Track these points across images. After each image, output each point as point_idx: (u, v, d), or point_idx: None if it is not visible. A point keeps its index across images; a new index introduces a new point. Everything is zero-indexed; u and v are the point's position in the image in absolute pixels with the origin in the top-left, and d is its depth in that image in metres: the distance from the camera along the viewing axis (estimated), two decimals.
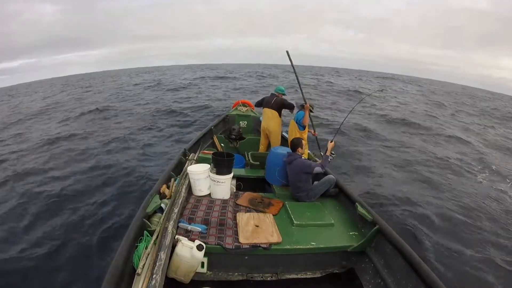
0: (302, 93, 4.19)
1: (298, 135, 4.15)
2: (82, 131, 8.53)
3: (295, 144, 3.28)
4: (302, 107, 4.32)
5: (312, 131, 4.39)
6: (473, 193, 5.15)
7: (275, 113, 4.52)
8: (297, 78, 4.26)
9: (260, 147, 4.93)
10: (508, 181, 5.87)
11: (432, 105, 16.96)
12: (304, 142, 4.11)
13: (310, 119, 4.15)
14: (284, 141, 4.91)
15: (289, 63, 4.00)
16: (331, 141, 3.42)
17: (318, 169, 3.08)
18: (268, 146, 4.85)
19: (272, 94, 4.67)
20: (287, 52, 3.94)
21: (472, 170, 6.38)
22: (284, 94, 4.64)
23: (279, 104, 4.50)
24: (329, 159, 3.26)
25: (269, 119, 4.57)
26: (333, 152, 3.42)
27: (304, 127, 4.14)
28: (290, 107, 4.49)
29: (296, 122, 4.17)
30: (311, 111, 4.19)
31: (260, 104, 4.82)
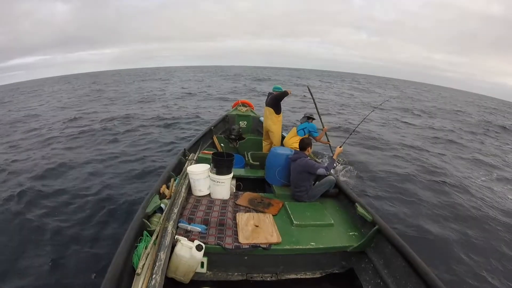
0: (319, 116, 4.59)
1: (294, 139, 4.21)
2: None
3: (306, 144, 3.25)
4: (308, 118, 4.43)
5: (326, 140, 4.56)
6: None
7: (271, 109, 4.58)
8: (316, 106, 4.74)
9: (263, 146, 4.95)
10: None
11: None
12: None
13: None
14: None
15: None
16: (340, 147, 3.33)
17: (321, 171, 3.06)
18: (270, 146, 4.89)
19: (269, 93, 4.77)
20: (308, 87, 4.78)
21: None
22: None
23: (272, 100, 4.57)
24: (334, 164, 3.21)
25: (266, 117, 4.66)
26: (340, 159, 3.37)
27: (302, 134, 4.25)
28: (282, 94, 4.52)
29: (302, 130, 4.28)
30: (312, 118, 4.41)
31: None
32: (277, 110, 4.59)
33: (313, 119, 4.45)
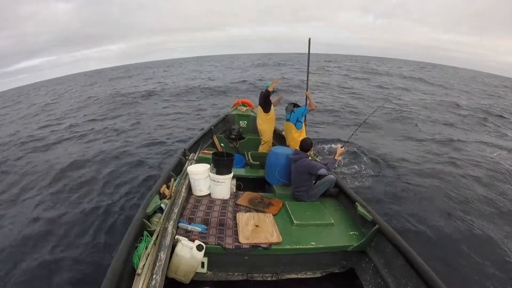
0: (307, 77, 4.44)
1: (297, 135, 4.17)
2: None
3: (308, 145, 3.22)
4: (294, 105, 4.32)
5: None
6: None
7: (260, 108, 4.62)
8: (308, 62, 4.48)
9: (268, 148, 4.92)
10: None
11: None
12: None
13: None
14: (282, 139, 4.94)
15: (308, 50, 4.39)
16: (342, 147, 3.32)
17: (323, 171, 3.05)
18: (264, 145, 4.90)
19: (261, 91, 4.77)
20: (309, 39, 4.42)
21: None
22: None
23: (260, 98, 4.61)
24: (336, 164, 3.19)
25: (257, 116, 4.74)
26: (340, 159, 3.34)
27: (301, 126, 4.17)
28: (266, 93, 4.48)
29: (297, 121, 4.18)
30: (297, 105, 4.31)
31: None
32: (265, 109, 4.60)
33: (299, 106, 4.35)
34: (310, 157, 3.25)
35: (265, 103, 4.55)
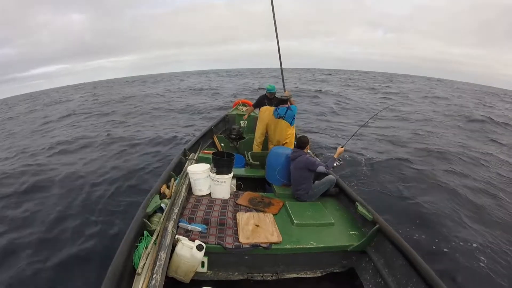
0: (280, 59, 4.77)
1: (289, 131, 4.17)
2: None
3: (304, 142, 3.27)
4: (282, 102, 4.30)
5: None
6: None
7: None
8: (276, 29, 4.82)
9: (256, 147, 4.89)
10: None
11: None
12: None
13: None
14: None
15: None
16: (342, 147, 3.31)
17: (321, 169, 3.07)
18: (264, 146, 4.89)
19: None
20: None
21: None
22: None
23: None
24: (335, 164, 3.19)
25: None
26: (340, 159, 3.34)
27: (294, 122, 4.20)
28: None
29: (293, 119, 4.19)
30: (286, 100, 4.31)
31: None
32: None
33: (287, 99, 4.30)
34: (308, 155, 3.27)
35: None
